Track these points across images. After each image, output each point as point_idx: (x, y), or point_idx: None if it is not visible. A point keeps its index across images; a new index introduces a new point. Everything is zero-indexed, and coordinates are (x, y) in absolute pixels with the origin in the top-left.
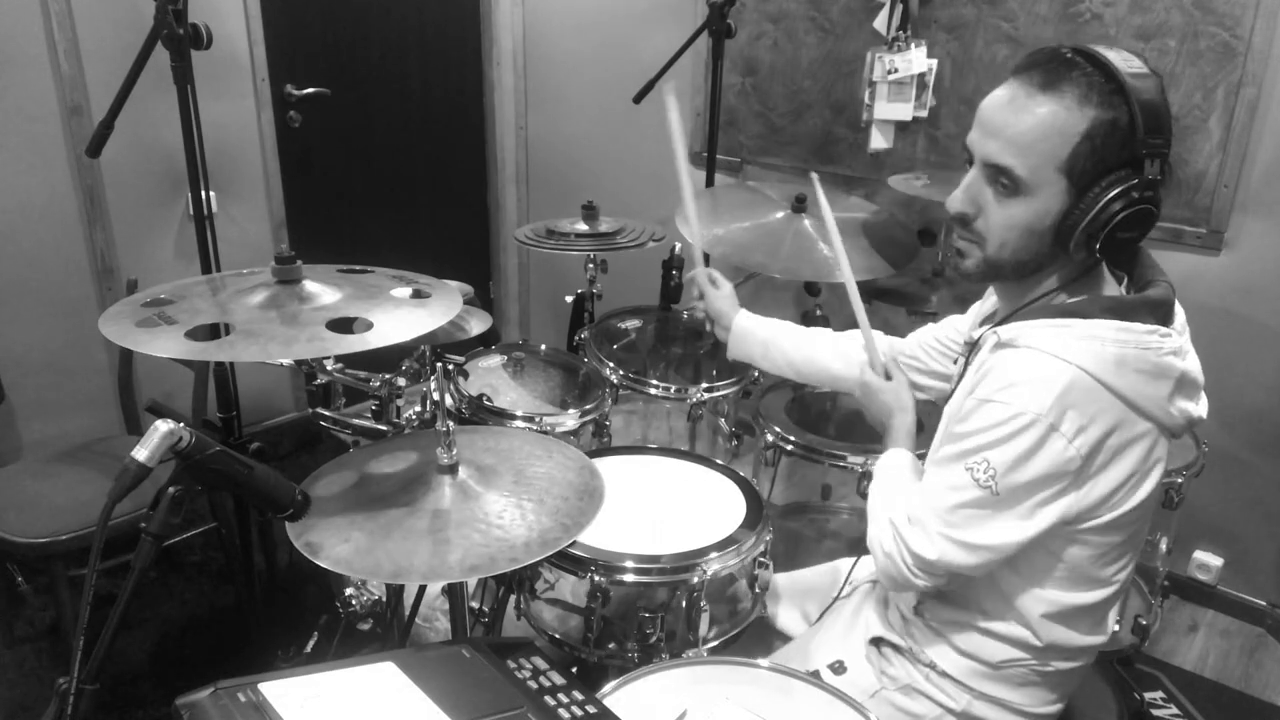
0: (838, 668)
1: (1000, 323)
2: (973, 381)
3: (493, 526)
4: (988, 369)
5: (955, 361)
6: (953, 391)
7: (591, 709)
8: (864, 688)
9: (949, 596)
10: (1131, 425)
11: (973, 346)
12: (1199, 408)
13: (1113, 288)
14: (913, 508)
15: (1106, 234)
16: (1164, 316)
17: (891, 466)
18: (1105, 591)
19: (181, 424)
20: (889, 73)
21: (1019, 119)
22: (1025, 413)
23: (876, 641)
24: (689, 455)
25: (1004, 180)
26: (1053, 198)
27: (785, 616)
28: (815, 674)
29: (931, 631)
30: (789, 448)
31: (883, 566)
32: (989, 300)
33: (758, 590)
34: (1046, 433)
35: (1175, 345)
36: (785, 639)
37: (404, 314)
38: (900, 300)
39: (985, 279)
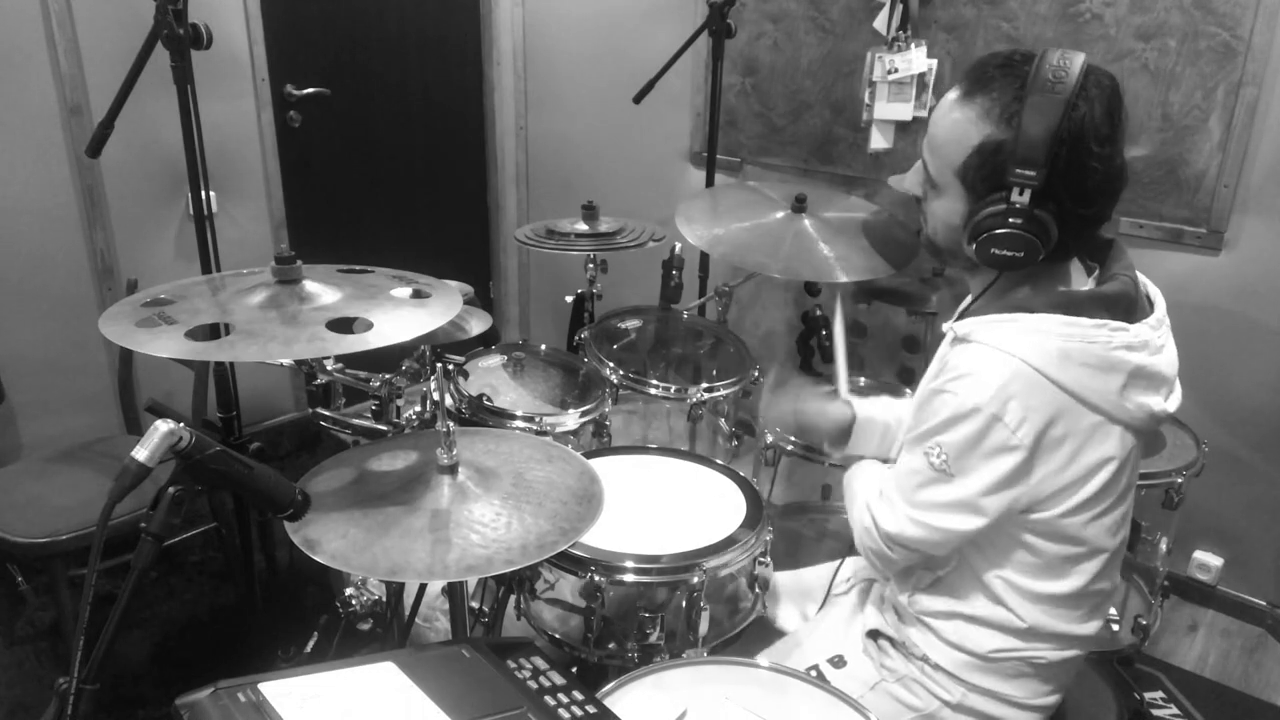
0: (837, 662)
1: (960, 316)
2: (934, 372)
3: (491, 528)
4: (945, 362)
5: None
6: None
7: (591, 709)
8: (864, 680)
9: (934, 587)
10: (1077, 417)
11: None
12: (1165, 402)
13: (1077, 282)
14: (884, 486)
15: (978, 246)
16: (1124, 311)
17: (863, 465)
18: (1078, 582)
19: (181, 424)
20: (889, 73)
21: (940, 121)
22: (969, 403)
23: (873, 634)
24: (689, 455)
25: (926, 173)
26: (956, 199)
27: (785, 615)
28: (815, 669)
29: (921, 624)
30: (789, 448)
31: (863, 542)
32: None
33: (758, 590)
34: (990, 422)
35: (1129, 339)
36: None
37: (404, 314)
38: (900, 300)
39: (933, 255)
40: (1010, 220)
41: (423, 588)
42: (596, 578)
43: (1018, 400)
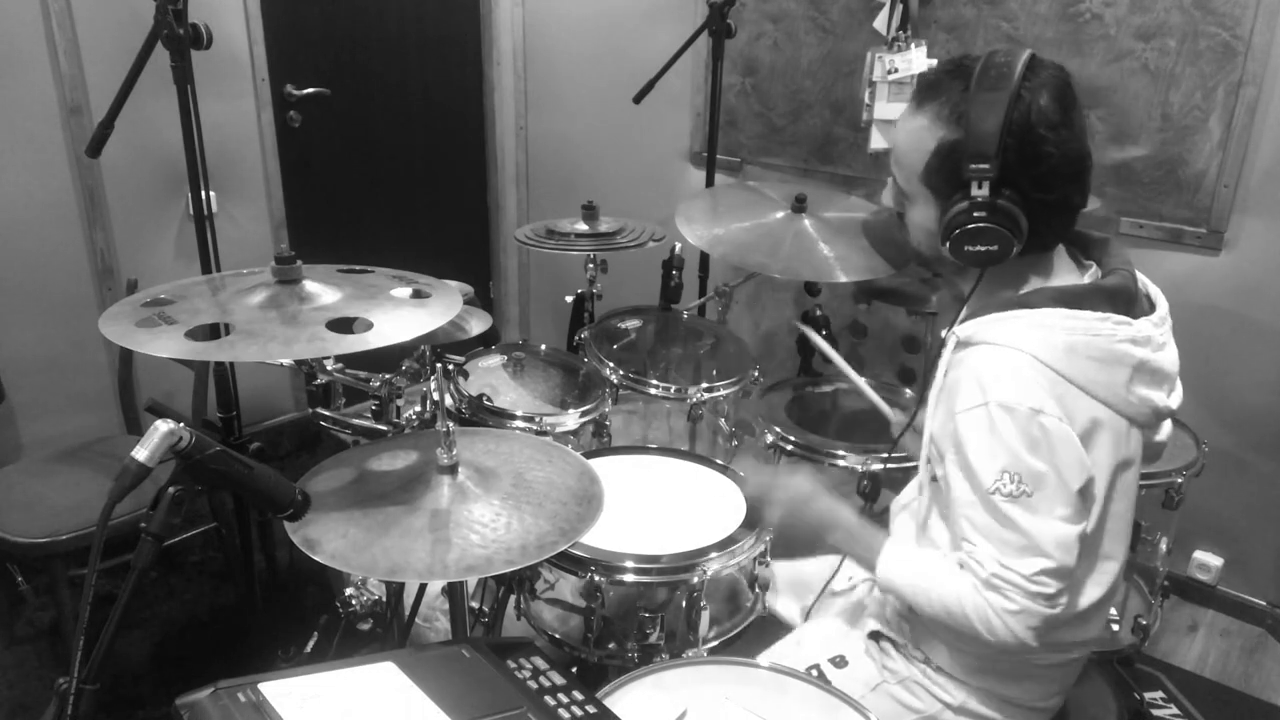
0: (839, 662)
1: (957, 318)
2: (940, 385)
3: (490, 528)
4: (954, 377)
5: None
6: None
7: (591, 709)
8: (865, 681)
9: None
10: (1086, 411)
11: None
12: (1168, 398)
13: (1067, 277)
14: (995, 567)
15: (952, 245)
16: (1124, 305)
17: (896, 562)
18: (1097, 594)
19: (181, 424)
20: (889, 73)
21: (899, 133)
22: (1000, 405)
23: (875, 636)
24: (689, 455)
25: (897, 187)
26: (927, 205)
27: (784, 606)
28: (816, 668)
29: (924, 627)
30: (789, 448)
31: (1013, 625)
32: None
33: (758, 590)
34: (1030, 416)
35: (1133, 333)
36: (784, 627)
37: (404, 314)
38: (900, 300)
39: (923, 265)
40: (975, 215)
41: (423, 588)
42: (596, 578)
43: (1043, 390)
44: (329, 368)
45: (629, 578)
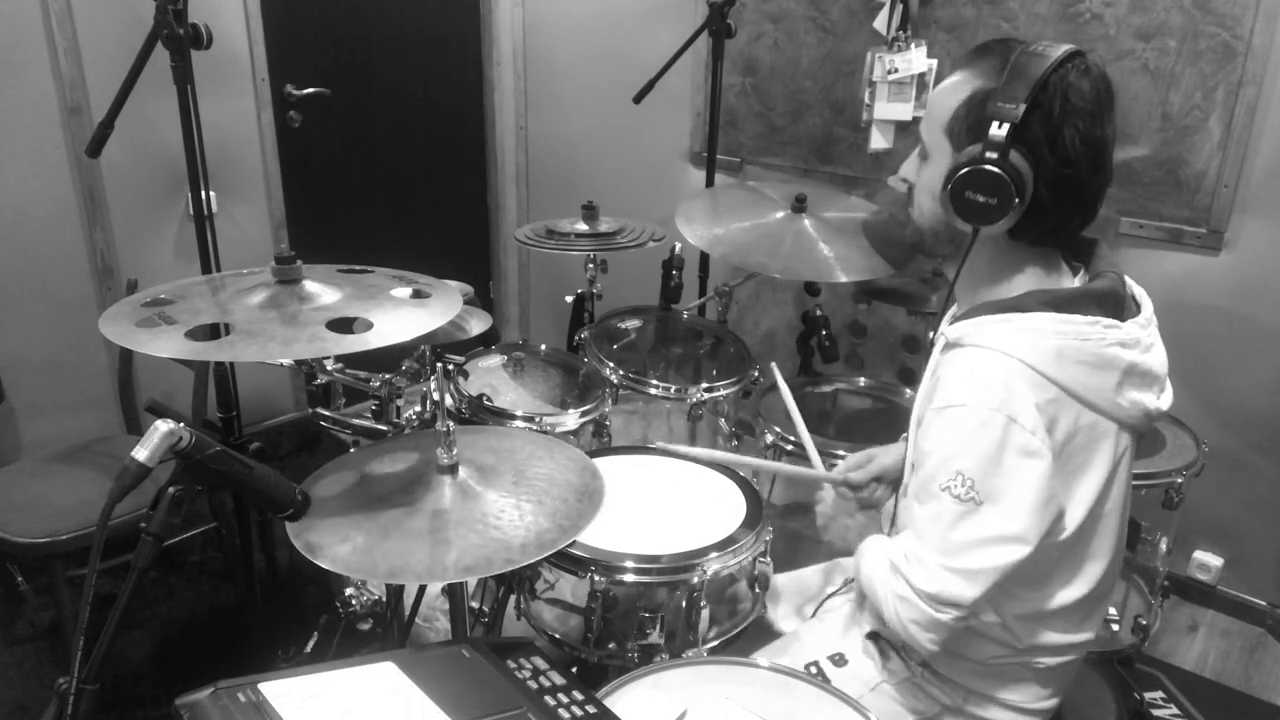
0: (838, 660)
1: (945, 317)
2: (929, 386)
3: (491, 527)
4: (939, 374)
5: None
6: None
7: (591, 709)
8: (865, 680)
9: None
10: (1077, 416)
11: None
12: (1158, 399)
13: (1064, 281)
14: (908, 547)
15: (953, 193)
16: (1113, 308)
17: (869, 542)
18: (1080, 591)
19: (181, 424)
20: (889, 73)
21: (937, 90)
22: (980, 410)
23: (873, 636)
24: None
25: (921, 146)
26: (942, 160)
27: (783, 617)
28: (815, 665)
29: None
30: (789, 448)
31: (901, 616)
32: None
33: (758, 590)
34: (1006, 425)
35: (1122, 336)
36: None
37: (404, 314)
38: (900, 300)
39: (918, 247)
40: (986, 156)
41: (422, 588)
42: (597, 578)
43: (1026, 400)
44: (329, 368)
45: (629, 578)
